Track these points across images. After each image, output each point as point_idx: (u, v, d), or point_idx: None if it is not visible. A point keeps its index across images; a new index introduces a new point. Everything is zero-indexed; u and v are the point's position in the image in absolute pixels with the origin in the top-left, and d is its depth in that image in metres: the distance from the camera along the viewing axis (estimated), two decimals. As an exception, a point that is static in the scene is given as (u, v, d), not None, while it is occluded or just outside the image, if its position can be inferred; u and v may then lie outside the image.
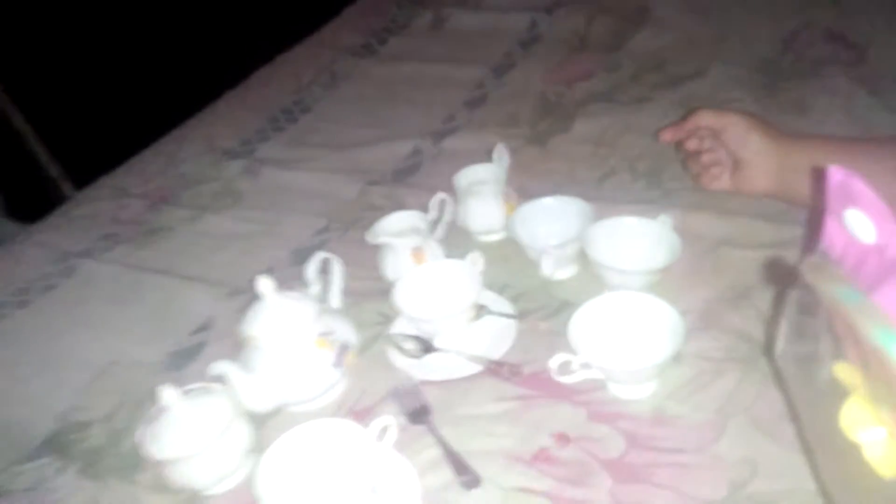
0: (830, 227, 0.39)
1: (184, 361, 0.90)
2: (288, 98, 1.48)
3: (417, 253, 0.89)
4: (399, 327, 0.85)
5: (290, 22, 1.73)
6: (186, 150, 1.40)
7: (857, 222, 0.36)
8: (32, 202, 1.41)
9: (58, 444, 0.83)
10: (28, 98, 1.86)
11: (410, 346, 0.82)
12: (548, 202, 0.92)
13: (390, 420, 0.67)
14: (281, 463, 0.65)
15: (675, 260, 0.78)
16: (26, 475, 0.80)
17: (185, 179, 1.31)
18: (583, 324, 0.72)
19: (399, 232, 0.91)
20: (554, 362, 0.71)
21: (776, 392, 0.66)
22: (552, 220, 0.91)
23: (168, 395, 0.70)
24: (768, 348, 0.70)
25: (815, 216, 0.59)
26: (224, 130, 1.43)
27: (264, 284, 0.77)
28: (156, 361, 0.91)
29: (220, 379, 0.74)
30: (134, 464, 0.78)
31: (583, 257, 0.85)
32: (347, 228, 1.07)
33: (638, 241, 0.83)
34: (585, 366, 0.70)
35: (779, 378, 0.65)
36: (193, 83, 1.70)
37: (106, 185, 1.37)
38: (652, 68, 1.26)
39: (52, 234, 1.27)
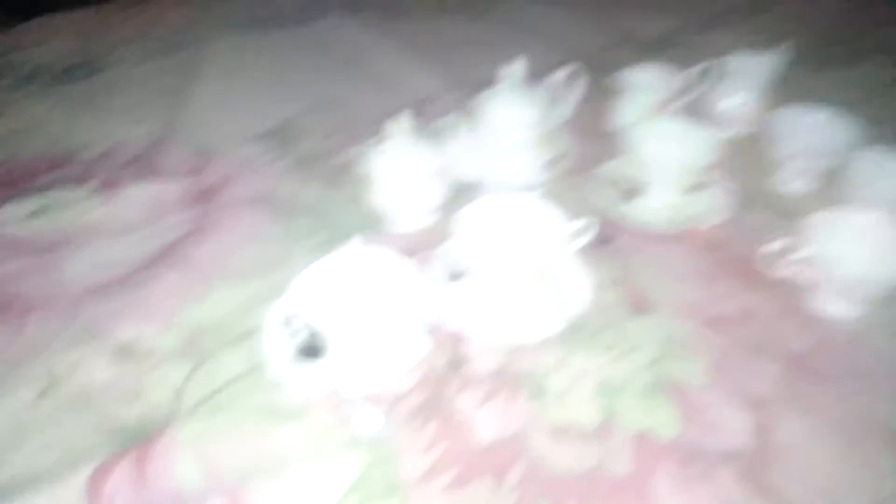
0: None
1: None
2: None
3: (661, 105, 0.87)
4: (616, 166, 0.85)
5: None
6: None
7: None
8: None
9: (281, 137, 0.93)
10: None
11: (621, 186, 0.81)
12: (818, 114, 0.84)
13: (591, 225, 0.68)
14: (481, 216, 0.69)
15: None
16: (249, 151, 0.90)
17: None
18: (821, 227, 0.67)
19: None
20: (775, 245, 0.67)
21: None
22: (815, 132, 0.84)
23: (402, 123, 0.74)
24: None
25: None
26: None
27: (514, 69, 0.78)
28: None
29: (448, 130, 0.78)
30: (337, 177, 0.85)
31: (829, 179, 0.80)
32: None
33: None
34: (802, 262, 0.67)
35: None
36: None
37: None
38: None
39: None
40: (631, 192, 0.81)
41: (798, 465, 0.53)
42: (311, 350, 0.58)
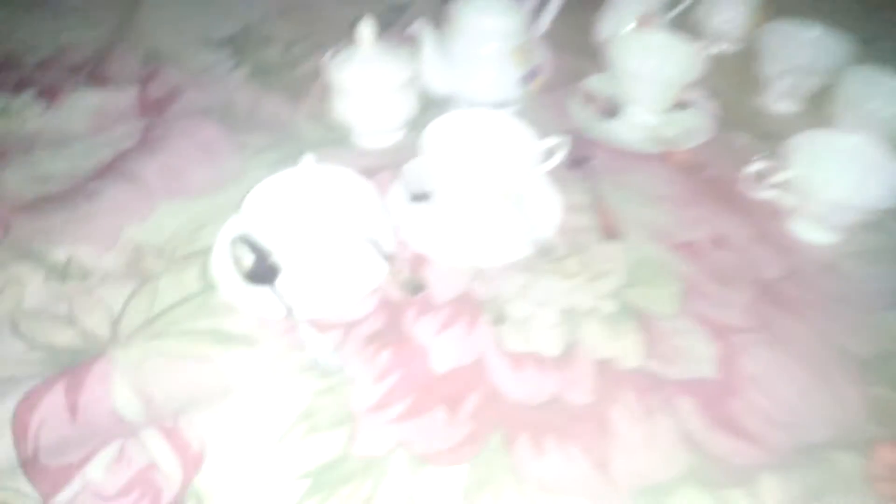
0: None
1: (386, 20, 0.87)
2: None
3: (646, 18, 0.81)
4: (595, 83, 0.80)
5: None
6: None
7: None
8: None
9: (238, 45, 0.86)
10: None
11: (599, 104, 0.77)
12: (809, 31, 0.80)
13: (563, 143, 0.64)
14: (446, 133, 0.65)
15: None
16: (204, 59, 0.84)
17: None
18: (803, 149, 0.64)
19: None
20: (753, 167, 0.64)
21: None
22: (807, 49, 0.80)
23: (365, 29, 0.68)
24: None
25: None
26: None
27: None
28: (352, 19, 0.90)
29: (414, 38, 0.72)
30: (300, 89, 0.80)
31: (816, 99, 0.76)
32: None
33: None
34: (782, 185, 0.64)
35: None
36: None
37: None
38: None
39: None
40: (610, 110, 0.76)
41: (761, 396, 0.52)
42: (264, 272, 0.55)
